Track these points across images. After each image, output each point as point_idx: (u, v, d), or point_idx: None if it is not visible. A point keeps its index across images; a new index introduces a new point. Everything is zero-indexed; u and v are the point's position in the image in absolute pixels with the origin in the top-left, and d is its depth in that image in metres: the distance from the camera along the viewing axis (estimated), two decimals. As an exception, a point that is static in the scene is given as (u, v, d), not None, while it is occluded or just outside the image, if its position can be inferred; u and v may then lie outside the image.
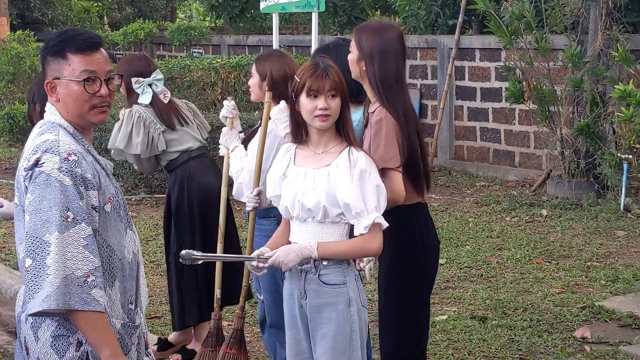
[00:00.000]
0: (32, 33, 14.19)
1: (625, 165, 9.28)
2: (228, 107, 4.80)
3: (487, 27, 10.38)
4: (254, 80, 4.66)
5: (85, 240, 2.82)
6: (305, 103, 3.55)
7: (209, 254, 3.65)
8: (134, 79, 5.47)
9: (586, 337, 5.78)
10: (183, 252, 3.56)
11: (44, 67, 3.02)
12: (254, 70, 4.66)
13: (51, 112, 3.04)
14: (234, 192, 4.65)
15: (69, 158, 2.87)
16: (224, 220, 4.83)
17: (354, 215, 3.51)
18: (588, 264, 7.47)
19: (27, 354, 2.99)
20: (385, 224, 3.54)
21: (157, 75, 5.56)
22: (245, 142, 4.73)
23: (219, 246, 4.85)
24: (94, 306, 2.82)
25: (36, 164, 2.86)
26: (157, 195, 10.11)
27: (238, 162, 4.61)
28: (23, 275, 2.86)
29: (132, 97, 5.54)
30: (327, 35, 14.56)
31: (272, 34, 13.31)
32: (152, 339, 5.75)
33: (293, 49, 13.89)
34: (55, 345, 2.92)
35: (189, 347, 5.61)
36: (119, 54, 17.66)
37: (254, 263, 3.62)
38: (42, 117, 3.11)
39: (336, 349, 3.60)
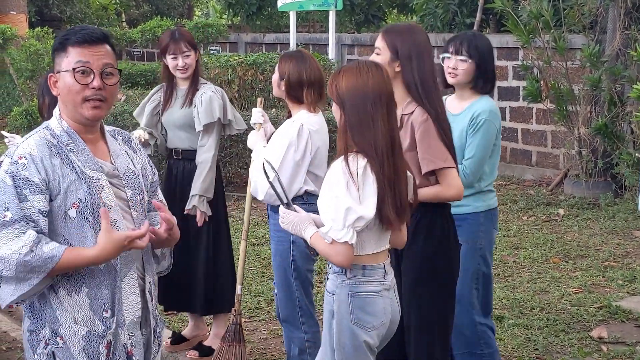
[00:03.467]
0: (51, 30, 14.25)
1: (635, 163, 9.25)
2: (257, 114, 4.91)
3: (505, 25, 10.34)
4: (275, 77, 4.71)
5: (22, 234, 2.86)
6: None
7: (277, 179, 3.62)
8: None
9: (603, 337, 5.77)
10: (269, 164, 3.66)
11: (53, 63, 3.06)
12: (277, 66, 4.71)
13: (55, 110, 3.08)
14: (251, 190, 4.70)
15: (18, 161, 2.90)
16: (249, 218, 5.03)
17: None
18: (605, 264, 7.44)
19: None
20: (342, 240, 3.29)
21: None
22: (269, 138, 4.79)
23: (243, 243, 5.07)
24: (59, 250, 2.87)
25: None
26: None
27: (255, 160, 4.66)
28: None
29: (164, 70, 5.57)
30: (343, 33, 14.55)
31: (288, 31, 13.34)
32: (167, 333, 5.78)
33: (310, 47, 13.89)
34: (30, 339, 3.00)
35: (206, 343, 5.62)
36: (137, 52, 17.72)
37: (284, 209, 3.53)
38: (50, 110, 3.14)
39: (323, 357, 3.57)
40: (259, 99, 5.13)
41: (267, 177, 3.57)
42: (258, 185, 4.56)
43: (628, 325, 6.01)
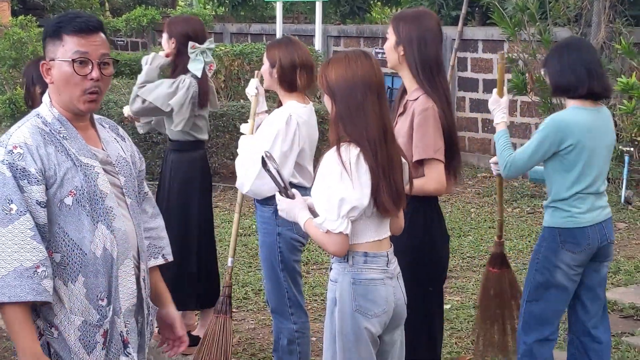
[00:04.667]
0: (34, 18, 14.16)
1: (626, 158, 9.31)
2: (253, 85, 4.86)
3: (490, 18, 10.39)
4: (264, 67, 4.67)
5: (32, 231, 2.80)
6: None
7: (276, 167, 3.56)
8: (191, 43, 5.38)
9: (588, 327, 5.81)
10: (268, 153, 3.58)
11: (44, 49, 3.00)
12: (264, 57, 4.68)
13: (44, 97, 3.03)
14: (237, 184, 4.69)
15: (14, 151, 2.84)
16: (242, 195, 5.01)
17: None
18: (590, 256, 7.49)
19: None
20: (337, 231, 3.32)
21: (210, 44, 5.49)
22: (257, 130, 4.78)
23: (236, 216, 5.11)
24: (45, 297, 2.80)
25: None
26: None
27: (242, 155, 4.63)
28: None
29: (181, 60, 5.44)
30: (329, 24, 14.56)
31: (273, 22, 13.33)
32: (155, 322, 5.77)
33: (296, 38, 13.87)
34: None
35: (194, 333, 5.64)
36: (121, 41, 17.65)
37: (281, 196, 3.54)
38: (41, 98, 3.11)
39: (327, 345, 3.57)
40: (256, 72, 5.03)
41: (265, 165, 3.55)
42: (244, 179, 4.53)
43: (613, 316, 6.06)
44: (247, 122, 4.98)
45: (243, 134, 4.99)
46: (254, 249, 7.65)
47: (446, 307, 6.14)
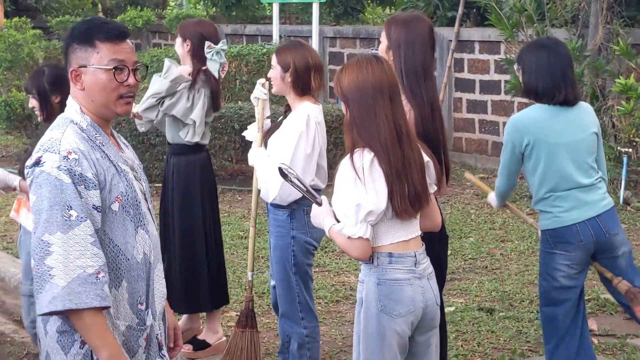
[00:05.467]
0: (29, 20, 14.13)
1: (624, 159, 9.33)
2: (261, 89, 4.83)
3: (486, 19, 10.40)
4: (275, 72, 4.63)
5: (92, 237, 2.80)
6: None
7: (298, 177, 3.60)
8: (207, 42, 5.36)
9: (593, 329, 5.82)
10: (284, 164, 3.62)
11: (68, 54, 2.98)
12: (274, 62, 4.64)
13: (70, 104, 3.00)
14: (262, 195, 4.69)
15: (69, 156, 2.82)
16: (256, 205, 5.02)
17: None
18: (591, 257, 7.50)
19: (40, 346, 3.00)
20: (357, 236, 3.36)
21: (224, 45, 5.48)
22: (267, 136, 4.75)
23: (252, 230, 5.09)
24: (108, 302, 2.81)
25: (37, 163, 2.84)
26: (157, 185, 10.09)
27: (261, 171, 4.63)
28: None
29: (197, 61, 5.40)
30: (325, 25, 14.55)
31: (266, 23, 13.31)
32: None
33: (291, 39, 13.86)
34: (60, 340, 2.90)
35: (200, 337, 5.63)
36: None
37: (319, 200, 3.58)
38: (63, 106, 3.08)
39: (354, 346, 3.60)
40: (261, 80, 4.98)
41: (289, 179, 3.57)
42: (269, 187, 4.53)
43: (617, 318, 6.08)
44: (250, 127, 4.96)
45: (245, 137, 4.99)
46: (256, 251, 7.62)
47: (450, 309, 6.16)
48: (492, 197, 4.89)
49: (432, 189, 3.61)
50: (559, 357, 4.60)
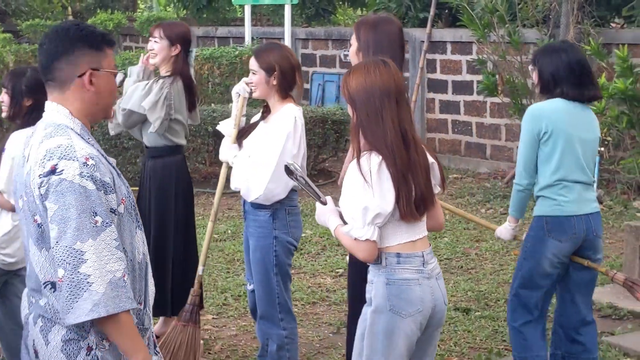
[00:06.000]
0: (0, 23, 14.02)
1: (597, 158, 9.36)
2: (244, 86, 4.77)
3: (458, 20, 10.44)
4: (258, 77, 4.58)
5: (116, 241, 2.79)
6: None
7: (303, 176, 3.66)
8: (193, 49, 5.39)
9: (568, 327, 5.86)
10: (291, 162, 3.68)
11: (76, 56, 2.91)
12: (256, 67, 4.59)
13: (56, 109, 2.92)
14: (243, 193, 4.66)
15: (87, 162, 2.79)
16: (218, 201, 4.99)
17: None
18: (565, 255, 7.55)
19: (37, 357, 2.93)
20: (364, 238, 3.42)
21: (192, 47, 5.50)
22: (241, 135, 4.73)
23: (210, 224, 5.06)
24: (136, 304, 2.83)
25: (53, 171, 2.78)
26: (134, 188, 10.05)
27: (241, 169, 4.61)
28: (52, 284, 2.81)
29: (181, 66, 5.43)
30: (297, 27, 14.54)
31: (237, 25, 13.29)
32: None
33: (264, 41, 13.85)
34: (65, 349, 2.86)
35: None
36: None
37: (324, 199, 3.64)
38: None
39: (357, 342, 3.63)
40: (246, 79, 4.88)
41: (294, 176, 3.63)
42: (250, 187, 4.51)
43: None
44: (225, 121, 4.90)
45: (219, 131, 4.93)
46: (231, 254, 7.62)
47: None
48: (501, 231, 4.95)
49: (437, 190, 3.66)
50: (527, 335, 4.78)
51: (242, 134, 4.75)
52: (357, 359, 3.61)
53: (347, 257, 4.35)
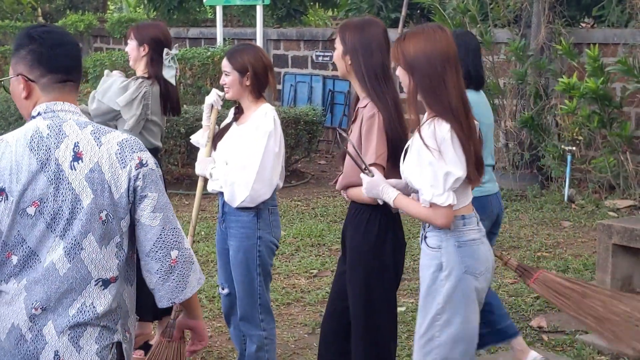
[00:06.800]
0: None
1: (568, 157, 9.47)
2: (217, 99, 4.73)
3: (430, 20, 10.47)
4: (232, 78, 4.55)
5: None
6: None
7: (353, 144, 3.74)
8: (165, 50, 5.26)
9: (542, 326, 5.89)
10: (342, 130, 3.74)
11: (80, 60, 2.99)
12: (229, 68, 4.56)
13: (72, 109, 2.89)
14: (227, 198, 4.58)
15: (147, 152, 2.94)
16: (196, 215, 4.90)
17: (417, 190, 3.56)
18: (538, 254, 7.60)
19: None
20: (446, 204, 3.42)
21: (176, 49, 5.39)
22: (215, 140, 4.69)
23: (189, 239, 4.86)
24: None
25: (141, 164, 2.83)
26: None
27: (222, 175, 4.57)
28: (162, 268, 2.89)
29: (154, 67, 5.29)
30: (269, 27, 14.52)
31: (208, 26, 13.25)
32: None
33: (236, 42, 13.82)
34: (100, 353, 2.86)
35: (152, 342, 5.56)
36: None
37: (371, 171, 3.69)
38: None
39: (424, 307, 3.62)
40: (219, 92, 4.85)
41: (344, 141, 3.73)
42: (235, 191, 4.47)
43: (565, 315, 6.04)
44: (198, 133, 4.84)
45: (191, 141, 4.90)
46: (204, 255, 7.59)
47: (401, 309, 6.17)
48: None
49: None
50: None
51: (215, 137, 4.71)
52: (429, 321, 3.58)
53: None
